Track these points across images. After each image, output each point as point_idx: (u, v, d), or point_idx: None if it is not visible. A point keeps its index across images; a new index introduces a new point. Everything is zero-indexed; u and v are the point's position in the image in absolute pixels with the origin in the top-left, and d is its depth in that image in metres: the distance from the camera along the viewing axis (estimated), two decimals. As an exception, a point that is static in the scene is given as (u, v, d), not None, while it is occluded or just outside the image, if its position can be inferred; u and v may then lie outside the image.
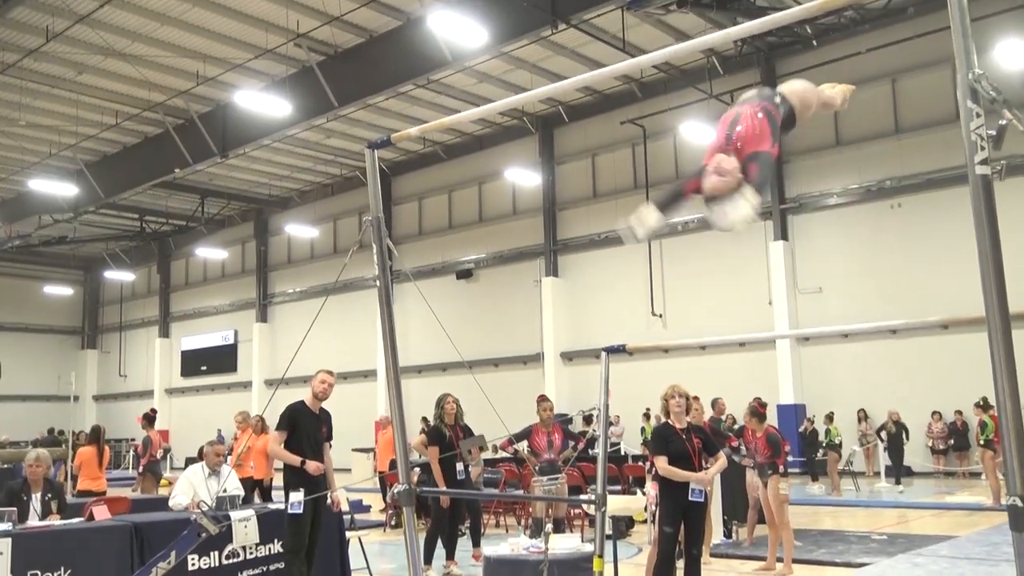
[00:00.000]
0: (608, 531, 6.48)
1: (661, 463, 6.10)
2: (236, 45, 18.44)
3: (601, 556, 4.93)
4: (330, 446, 6.85)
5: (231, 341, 32.28)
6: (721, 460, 6.30)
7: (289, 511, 6.29)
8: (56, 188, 23.93)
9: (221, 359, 32.34)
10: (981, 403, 13.19)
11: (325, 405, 6.91)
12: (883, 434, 16.02)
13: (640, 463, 12.82)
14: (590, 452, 11.83)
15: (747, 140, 3.50)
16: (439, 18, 15.12)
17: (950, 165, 17.19)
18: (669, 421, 6.32)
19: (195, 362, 33.46)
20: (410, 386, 26.04)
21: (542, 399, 8.85)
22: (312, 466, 6.46)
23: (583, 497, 7.52)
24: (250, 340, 31.09)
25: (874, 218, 18.36)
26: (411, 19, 17.42)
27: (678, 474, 6.01)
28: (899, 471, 15.74)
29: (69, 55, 18.64)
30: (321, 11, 16.96)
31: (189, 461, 22.63)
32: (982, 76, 2.44)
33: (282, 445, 6.66)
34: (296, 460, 6.49)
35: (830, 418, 16.38)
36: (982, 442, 13.04)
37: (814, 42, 17.74)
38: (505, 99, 4.43)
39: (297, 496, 6.29)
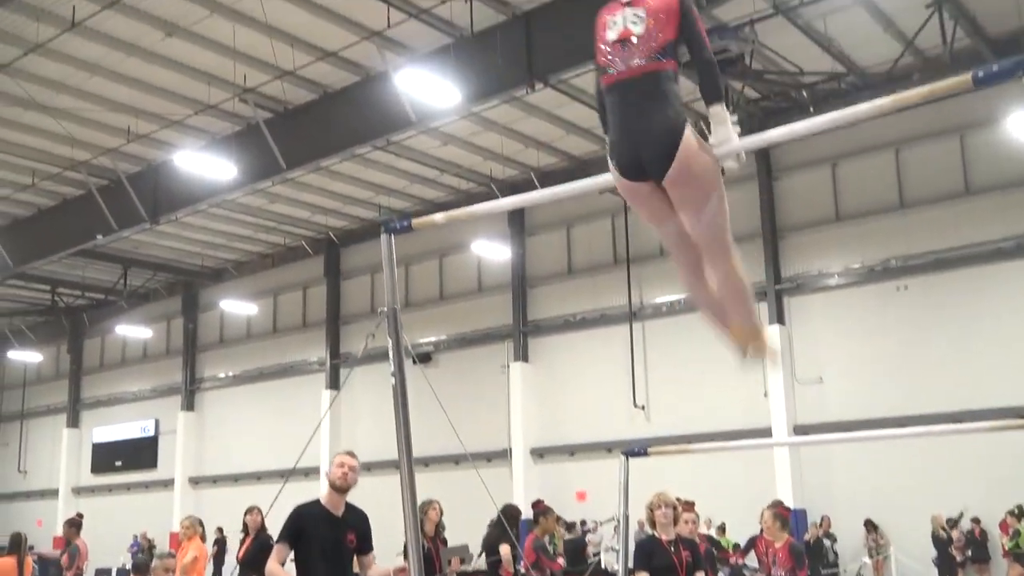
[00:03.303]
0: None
1: None
2: (174, 99, 18.56)
3: None
4: (374, 559, 5.69)
5: (151, 433, 31.66)
6: None
7: None
8: (-42, 255, 23.66)
9: (139, 453, 31.65)
10: (1016, 511, 13.31)
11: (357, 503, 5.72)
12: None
13: None
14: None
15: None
16: (407, 76, 15.41)
17: (961, 244, 17.72)
18: (655, 533, 6.37)
19: (108, 456, 32.67)
20: (360, 486, 25.67)
21: (538, 504, 8.85)
22: None
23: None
24: (173, 431, 30.51)
25: (879, 301, 18.73)
26: (371, 75, 17.71)
27: None
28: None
29: (-17, 107, 18.66)
30: (272, 64, 17.18)
31: (100, 573, 22.03)
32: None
33: (283, 563, 5.43)
34: None
35: (1020, 515, 15.24)
36: (1010, 550, 13.19)
37: (811, 108, 18.30)
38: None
39: None
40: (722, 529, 17.61)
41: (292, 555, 5.52)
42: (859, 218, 19.17)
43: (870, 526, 17.94)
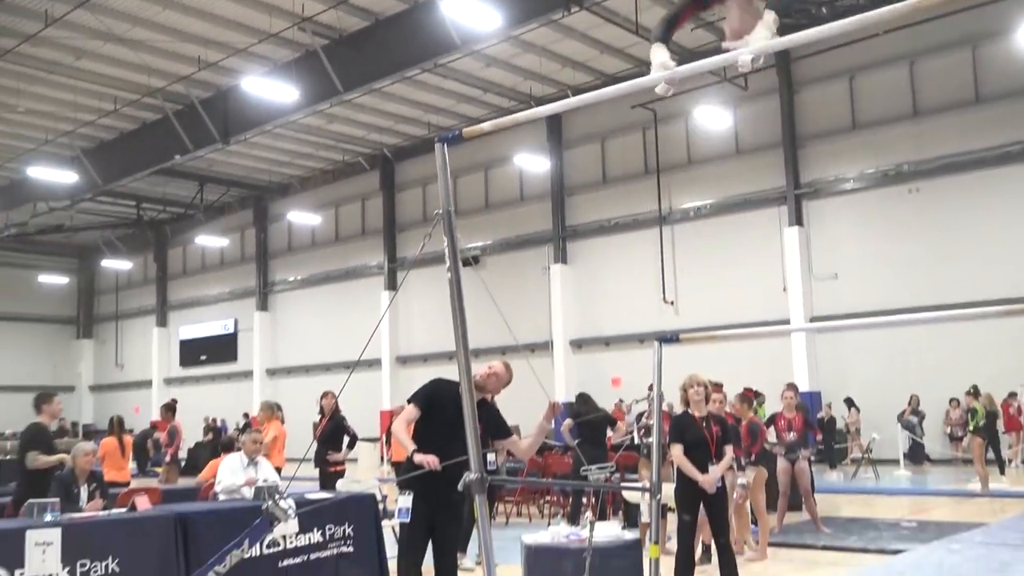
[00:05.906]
0: (645, 519, 6.63)
1: (676, 451, 6.30)
2: (239, 29, 18.48)
3: (657, 543, 5.10)
4: (517, 436, 5.46)
5: (231, 330, 32.41)
6: (726, 458, 6.47)
7: (396, 518, 5.08)
8: (53, 175, 24.00)
9: (221, 348, 32.48)
10: (972, 390, 13.66)
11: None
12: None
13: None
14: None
15: None
16: (452, 2, 15.19)
17: (968, 149, 17.40)
18: (688, 410, 6.50)
19: (194, 352, 33.59)
20: (416, 375, 26.24)
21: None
22: (421, 458, 4.76)
23: (638, 484, 7.69)
24: (250, 329, 31.22)
25: (891, 203, 18.51)
26: (419, 2, 17.49)
27: (687, 468, 6.22)
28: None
29: (67, 40, 18.65)
30: (328, -6, 17.02)
31: (191, 452, 22.83)
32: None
33: (411, 423, 5.09)
34: (408, 446, 4.92)
35: (975, 395, 14.10)
36: (971, 429, 13.47)
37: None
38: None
39: (405, 501, 4.92)
40: (760, 402, 17.14)
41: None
42: (874, 126, 18.81)
43: (849, 403, 18.32)
